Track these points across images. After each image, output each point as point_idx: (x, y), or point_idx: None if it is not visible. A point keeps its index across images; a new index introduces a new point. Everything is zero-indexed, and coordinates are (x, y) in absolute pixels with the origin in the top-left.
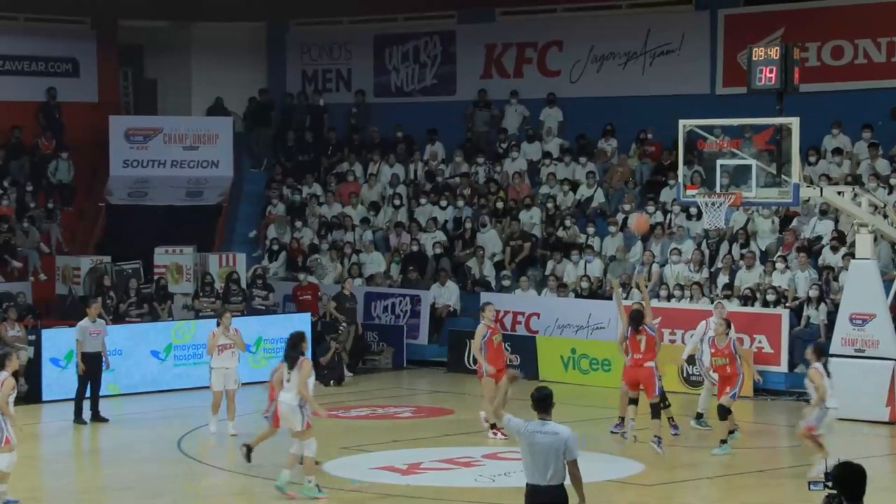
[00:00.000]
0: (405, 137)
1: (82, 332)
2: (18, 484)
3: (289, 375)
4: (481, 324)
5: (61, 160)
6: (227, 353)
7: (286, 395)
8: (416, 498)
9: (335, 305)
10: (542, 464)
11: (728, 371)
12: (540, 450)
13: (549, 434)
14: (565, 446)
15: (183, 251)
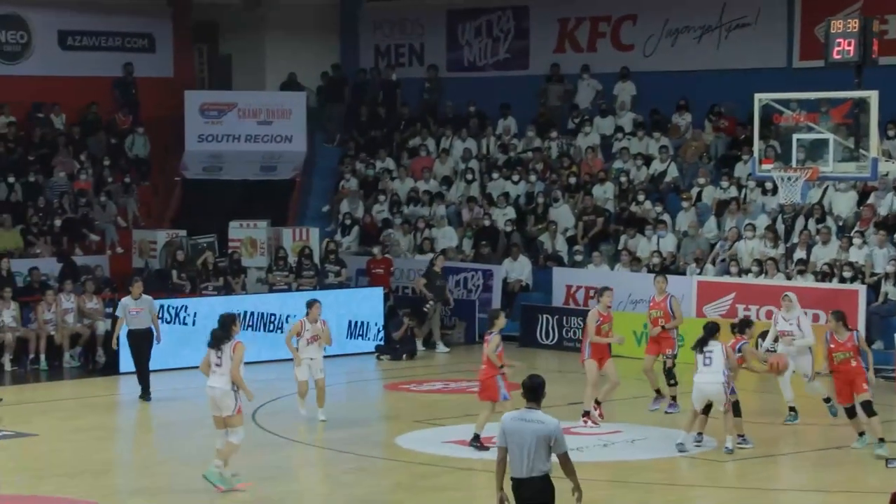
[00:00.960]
0: (477, 112)
1: (123, 309)
2: (94, 455)
3: (218, 360)
4: (595, 309)
5: (137, 135)
6: (313, 344)
7: (218, 380)
8: (490, 472)
9: (425, 282)
10: (524, 454)
11: (853, 365)
12: (521, 439)
13: (533, 422)
14: (553, 438)
15: (257, 225)
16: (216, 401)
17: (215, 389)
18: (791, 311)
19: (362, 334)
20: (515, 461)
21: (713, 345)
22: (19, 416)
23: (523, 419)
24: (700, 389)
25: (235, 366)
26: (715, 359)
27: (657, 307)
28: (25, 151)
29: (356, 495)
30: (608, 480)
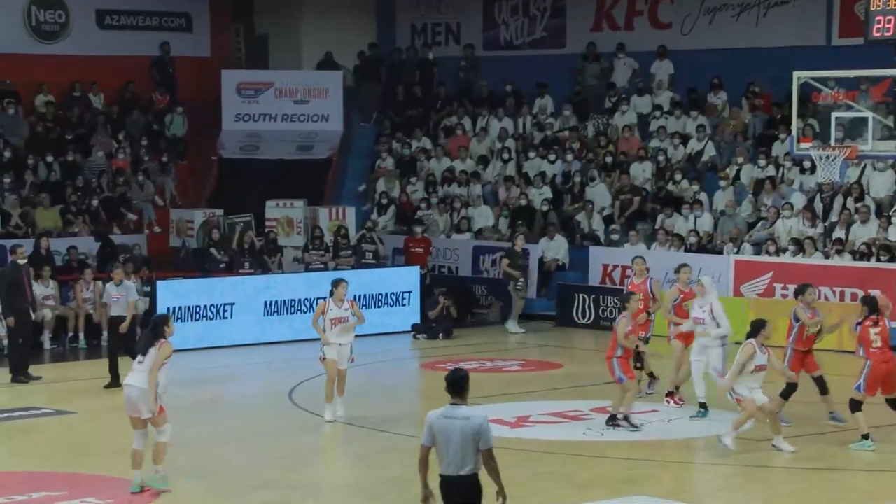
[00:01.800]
0: (514, 91)
1: (107, 295)
2: (129, 437)
3: (141, 357)
4: (674, 287)
5: (175, 114)
6: (339, 327)
7: (136, 378)
8: (525, 451)
9: (508, 263)
10: (453, 452)
11: None
12: (449, 436)
13: (460, 419)
14: (479, 433)
15: (293, 204)
16: (132, 400)
17: (132, 388)
18: (705, 297)
19: (398, 313)
20: (445, 459)
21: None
22: (58, 395)
23: (450, 416)
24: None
25: (157, 365)
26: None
27: (636, 290)
28: (63, 131)
29: (391, 475)
30: (644, 460)
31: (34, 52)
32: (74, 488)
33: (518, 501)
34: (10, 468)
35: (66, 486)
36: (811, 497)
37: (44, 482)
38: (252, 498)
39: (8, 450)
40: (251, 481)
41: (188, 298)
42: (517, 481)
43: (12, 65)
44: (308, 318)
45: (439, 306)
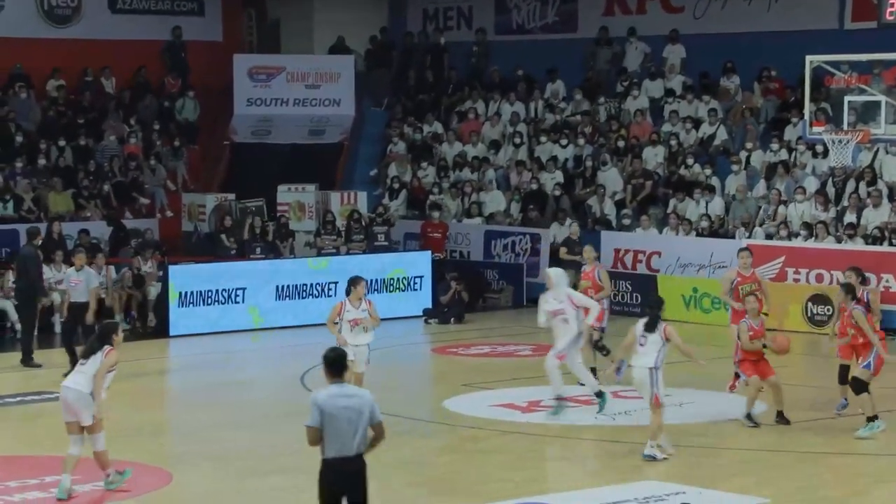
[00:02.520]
0: (526, 76)
1: (66, 279)
2: (144, 416)
3: (84, 361)
4: (734, 269)
5: (187, 99)
6: (357, 328)
7: (76, 380)
8: (537, 435)
9: (566, 251)
10: (351, 431)
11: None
12: (347, 416)
13: (352, 397)
14: (372, 408)
15: (305, 189)
16: (67, 402)
17: (69, 391)
18: (558, 289)
19: (410, 298)
20: (340, 440)
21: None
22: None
23: (341, 395)
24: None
25: (102, 371)
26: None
27: (586, 278)
28: (75, 115)
29: (403, 458)
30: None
31: (47, 36)
32: (85, 472)
33: (529, 486)
34: (21, 452)
35: (79, 470)
36: (823, 481)
37: (55, 466)
38: (263, 482)
39: (19, 434)
40: (262, 466)
41: (200, 283)
42: (528, 466)
43: (25, 49)
44: (319, 303)
45: (451, 291)
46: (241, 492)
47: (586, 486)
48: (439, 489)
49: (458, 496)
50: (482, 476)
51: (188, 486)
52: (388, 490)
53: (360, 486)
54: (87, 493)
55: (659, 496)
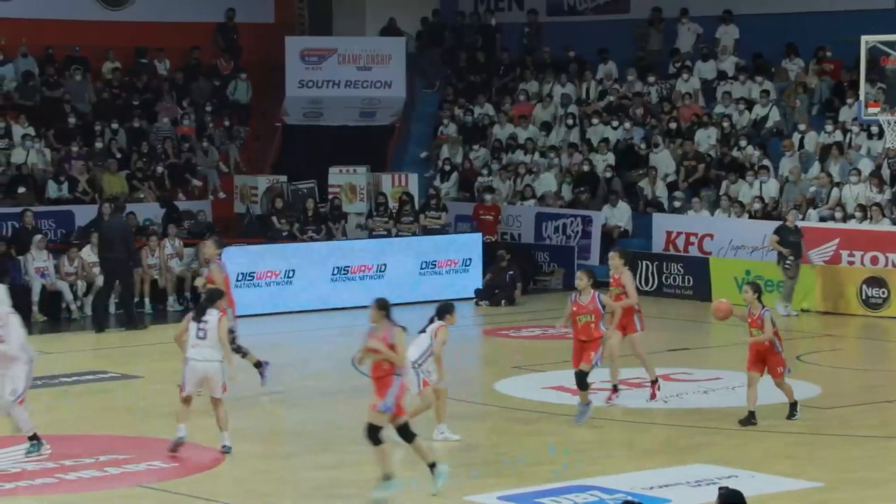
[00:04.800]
0: (577, 57)
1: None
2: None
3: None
4: None
5: (239, 81)
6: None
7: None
8: (588, 418)
9: (778, 239)
10: None
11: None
12: None
13: None
14: None
15: (356, 171)
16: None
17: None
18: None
19: (461, 279)
20: None
21: (210, 314)
22: (125, 359)
23: None
24: (194, 368)
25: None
26: (210, 331)
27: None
28: (130, 97)
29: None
30: (707, 427)
31: (101, 18)
32: (141, 451)
33: (579, 469)
34: (77, 431)
35: (132, 450)
36: (872, 463)
37: (111, 445)
38: (312, 460)
39: (76, 413)
40: (312, 445)
41: (252, 264)
42: (578, 448)
43: (80, 31)
44: (372, 284)
45: (502, 272)
46: (292, 470)
47: (636, 469)
48: (490, 471)
49: (509, 478)
50: (533, 458)
51: (239, 464)
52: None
53: None
54: (136, 471)
55: (710, 479)
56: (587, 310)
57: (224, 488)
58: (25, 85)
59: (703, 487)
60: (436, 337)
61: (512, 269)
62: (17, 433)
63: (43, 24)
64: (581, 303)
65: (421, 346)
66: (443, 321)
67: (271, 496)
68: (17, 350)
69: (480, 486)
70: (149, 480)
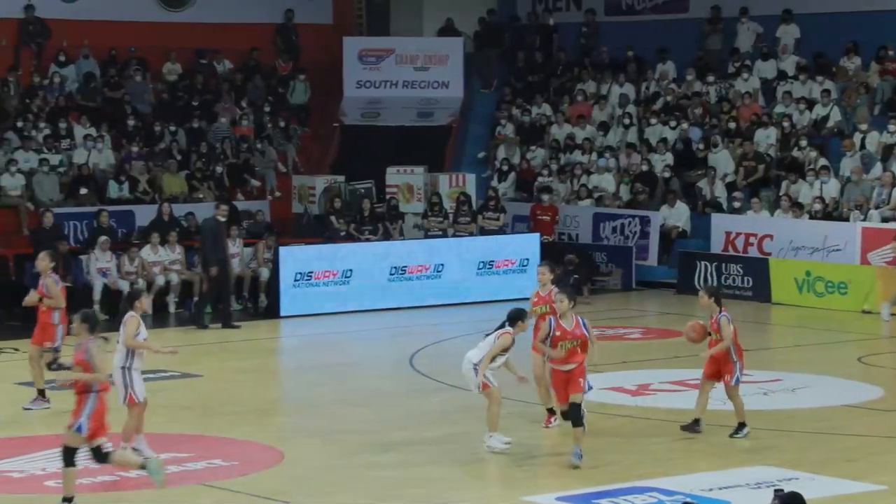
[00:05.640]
0: (635, 57)
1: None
2: (261, 394)
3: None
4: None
5: (298, 81)
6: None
7: None
8: (647, 419)
9: None
10: None
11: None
12: None
13: None
14: None
15: (414, 171)
16: None
17: None
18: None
19: (518, 280)
20: None
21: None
22: (184, 358)
23: None
24: None
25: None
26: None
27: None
28: (189, 98)
29: (514, 440)
30: (769, 429)
31: (161, 20)
32: (201, 450)
33: (639, 470)
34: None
35: (193, 448)
36: None
37: (171, 443)
38: (373, 460)
39: None
40: (372, 443)
41: (310, 264)
42: (637, 450)
43: (140, 32)
44: (429, 284)
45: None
46: (351, 468)
47: (696, 471)
48: (549, 472)
49: (569, 479)
50: (592, 459)
51: (299, 463)
52: (500, 471)
53: None
54: (196, 469)
55: (770, 481)
56: (571, 335)
57: (284, 487)
58: (87, 86)
59: (763, 490)
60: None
61: (578, 272)
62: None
63: (104, 25)
64: (565, 327)
65: (482, 349)
66: (512, 328)
67: (331, 495)
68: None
69: (538, 486)
70: (209, 479)
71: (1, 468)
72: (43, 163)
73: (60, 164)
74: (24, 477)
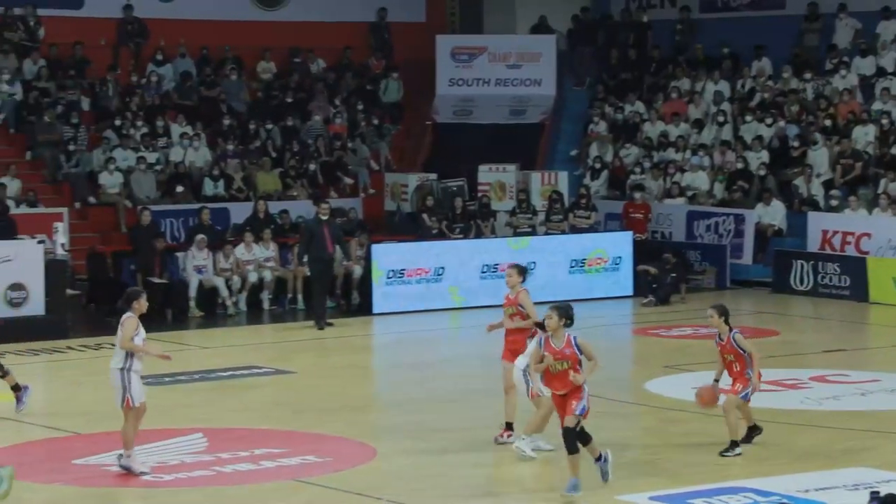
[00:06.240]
0: (731, 54)
1: None
2: (353, 391)
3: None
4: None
5: (391, 80)
6: None
7: None
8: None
9: None
10: None
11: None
12: None
13: None
14: None
15: (506, 169)
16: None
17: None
18: None
19: (610, 278)
20: None
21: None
22: (278, 354)
23: None
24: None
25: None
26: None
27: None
28: (283, 96)
29: (605, 439)
30: (866, 430)
31: (257, 18)
32: (295, 445)
33: (733, 470)
34: (233, 425)
35: (286, 444)
36: None
37: (265, 439)
38: (464, 458)
39: (230, 407)
40: (463, 442)
41: (402, 262)
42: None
43: (235, 31)
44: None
45: (661, 272)
46: (442, 466)
47: (792, 472)
48: (641, 471)
49: (660, 478)
50: (684, 459)
51: (391, 460)
52: (592, 470)
53: None
54: (290, 466)
55: (867, 483)
56: (562, 355)
57: (377, 483)
58: (183, 85)
59: (861, 491)
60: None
61: (675, 271)
62: None
63: (201, 24)
64: (555, 347)
65: (527, 354)
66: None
67: (424, 492)
68: None
69: (632, 486)
70: (302, 475)
71: (100, 462)
72: (140, 161)
73: (157, 163)
74: (122, 471)
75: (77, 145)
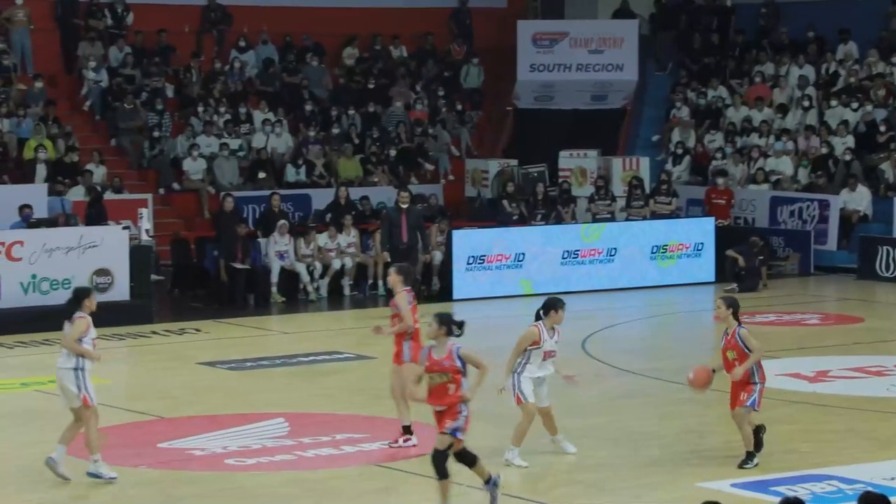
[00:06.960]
0: (816, 37)
1: None
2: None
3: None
4: None
5: (472, 65)
6: (548, 361)
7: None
8: (825, 406)
9: None
10: None
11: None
12: None
13: None
14: None
15: (587, 155)
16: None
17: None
18: None
19: (692, 264)
20: None
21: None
22: (359, 340)
23: None
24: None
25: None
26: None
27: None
28: (365, 82)
29: (686, 426)
30: None
31: (339, 5)
32: (376, 431)
33: (815, 458)
34: (314, 410)
35: (367, 429)
36: None
37: (346, 424)
38: (545, 445)
39: (312, 392)
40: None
41: (483, 248)
42: (814, 437)
43: (317, 17)
44: (602, 269)
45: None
46: (523, 454)
47: (874, 460)
48: (722, 459)
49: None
50: (767, 446)
51: (470, 445)
52: (672, 457)
53: None
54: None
55: None
56: (439, 367)
57: (455, 468)
58: (266, 71)
59: None
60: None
61: (762, 254)
62: None
63: (283, 11)
64: (435, 357)
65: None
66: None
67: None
68: None
69: (714, 473)
70: (383, 459)
71: (183, 446)
72: (223, 147)
73: (240, 149)
74: (205, 455)
75: (161, 132)
